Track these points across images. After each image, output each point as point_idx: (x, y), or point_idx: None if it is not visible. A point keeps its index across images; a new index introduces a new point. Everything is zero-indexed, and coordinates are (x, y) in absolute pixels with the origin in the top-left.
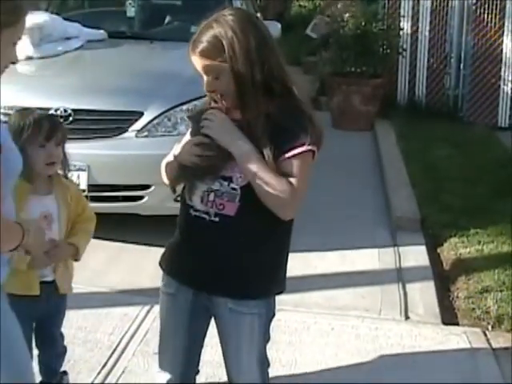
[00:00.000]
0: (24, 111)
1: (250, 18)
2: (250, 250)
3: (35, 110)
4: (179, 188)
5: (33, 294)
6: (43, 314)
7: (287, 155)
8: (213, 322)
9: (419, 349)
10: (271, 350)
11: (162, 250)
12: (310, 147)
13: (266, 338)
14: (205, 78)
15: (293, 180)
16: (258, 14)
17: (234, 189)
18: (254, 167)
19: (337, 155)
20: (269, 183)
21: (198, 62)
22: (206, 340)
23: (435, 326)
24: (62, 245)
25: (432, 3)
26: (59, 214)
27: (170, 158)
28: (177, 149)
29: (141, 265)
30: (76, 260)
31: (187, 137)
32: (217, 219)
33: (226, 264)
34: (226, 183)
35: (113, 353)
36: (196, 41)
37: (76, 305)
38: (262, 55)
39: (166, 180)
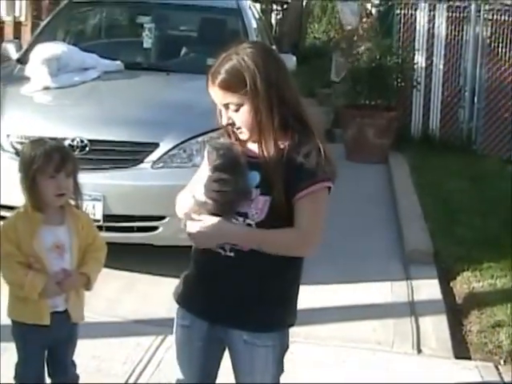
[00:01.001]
0: (36, 141)
1: (270, 51)
2: (264, 283)
3: (47, 140)
4: None
5: (43, 324)
6: (55, 343)
7: (302, 193)
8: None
9: (432, 382)
10: (282, 382)
11: (175, 281)
12: (325, 184)
13: (279, 370)
14: (223, 110)
15: (305, 220)
16: (274, 47)
17: (249, 225)
18: (254, 242)
19: (350, 188)
20: (277, 244)
21: (217, 94)
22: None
23: (447, 359)
24: (73, 274)
25: (446, 37)
26: (71, 244)
27: (185, 193)
28: (194, 184)
29: (154, 295)
30: (87, 289)
31: (203, 168)
32: (232, 254)
33: (240, 297)
34: (241, 219)
35: (126, 382)
36: (215, 72)
37: (89, 334)
38: (281, 89)
39: (179, 214)
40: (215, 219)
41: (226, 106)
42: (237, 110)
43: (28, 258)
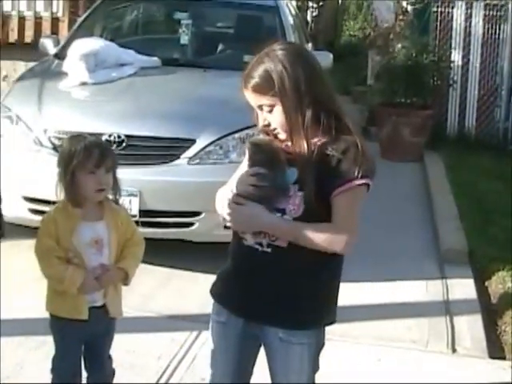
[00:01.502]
0: (75, 137)
1: (300, 51)
2: (301, 280)
3: (87, 136)
4: None
5: (81, 319)
6: (92, 337)
7: (339, 190)
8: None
9: (466, 382)
10: (317, 380)
11: (210, 277)
12: (362, 181)
13: (314, 368)
14: (258, 112)
15: (342, 217)
16: (310, 44)
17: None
18: (291, 234)
19: (385, 186)
20: (313, 239)
21: (251, 97)
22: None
23: (482, 359)
24: (112, 269)
25: (483, 35)
26: (110, 239)
27: (225, 189)
28: (233, 181)
29: (189, 290)
30: (125, 284)
31: (244, 165)
32: (269, 250)
33: (277, 294)
34: (279, 214)
35: (160, 378)
36: (248, 76)
37: (124, 328)
38: (311, 88)
39: (219, 210)
40: (258, 206)
41: (260, 107)
42: (270, 111)
43: (67, 252)
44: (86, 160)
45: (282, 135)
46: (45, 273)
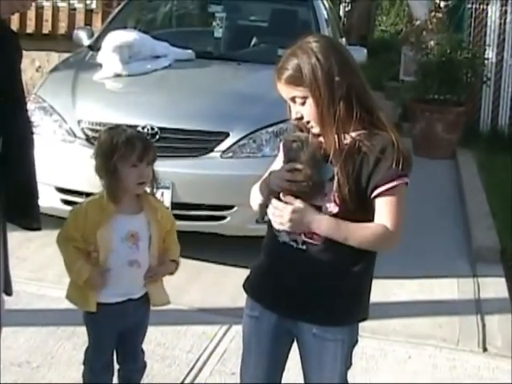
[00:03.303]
0: (114, 129)
1: (334, 44)
2: (336, 277)
3: (126, 128)
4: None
5: (90, 311)
6: (127, 330)
7: (382, 189)
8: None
9: (497, 382)
10: (348, 376)
11: (241, 270)
12: (403, 180)
13: (347, 364)
14: (291, 105)
15: (389, 218)
16: (343, 39)
17: None
18: (341, 235)
19: (418, 183)
20: (363, 239)
21: (283, 90)
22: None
23: None
24: (165, 262)
25: None
26: (151, 233)
27: (260, 183)
28: (268, 174)
29: (220, 284)
30: (171, 274)
31: (279, 161)
32: (304, 247)
33: (311, 291)
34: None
35: (190, 370)
36: (281, 68)
37: (155, 321)
38: (344, 80)
39: (253, 205)
40: (303, 204)
41: (293, 99)
42: (303, 104)
43: (89, 245)
44: (129, 153)
45: (316, 129)
46: (63, 260)
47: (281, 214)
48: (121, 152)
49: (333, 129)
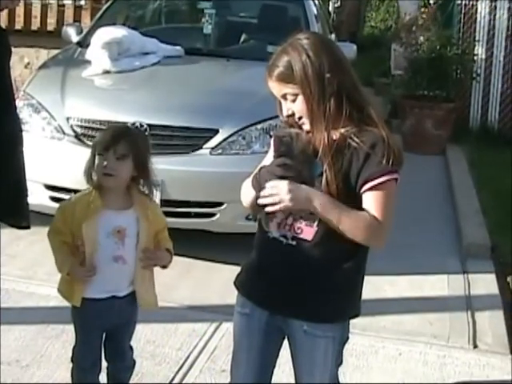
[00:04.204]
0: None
1: (325, 41)
2: (326, 274)
3: (125, 125)
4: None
5: (75, 305)
6: (113, 327)
7: (371, 184)
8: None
9: (487, 379)
10: (339, 373)
11: (231, 268)
12: (394, 175)
13: (338, 361)
14: (282, 102)
15: (378, 211)
16: (333, 35)
17: (312, 213)
18: (335, 215)
19: (407, 179)
20: (354, 224)
21: (274, 87)
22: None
23: (504, 355)
24: (161, 249)
25: (507, 29)
26: (138, 229)
27: (251, 179)
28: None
29: (210, 281)
30: (164, 267)
31: (269, 157)
32: (294, 243)
33: (302, 288)
34: None
35: (180, 368)
36: (272, 66)
37: (145, 318)
38: (335, 77)
39: (244, 201)
40: (300, 185)
41: (284, 97)
42: (294, 101)
43: (77, 240)
44: (97, 141)
45: (307, 125)
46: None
47: (279, 192)
48: (94, 142)
49: (322, 125)
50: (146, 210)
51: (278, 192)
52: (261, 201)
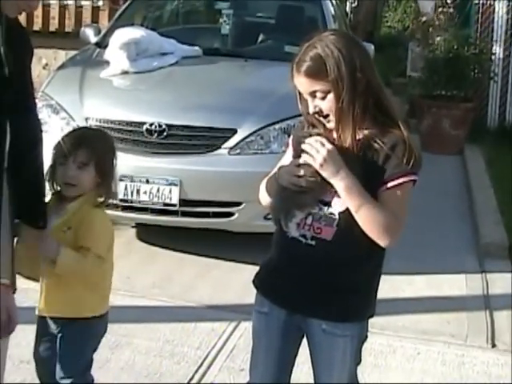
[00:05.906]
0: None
1: (353, 38)
2: (345, 273)
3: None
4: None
5: None
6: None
7: (389, 185)
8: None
9: (506, 379)
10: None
11: (249, 267)
12: (410, 178)
13: (356, 360)
14: (309, 99)
15: (395, 210)
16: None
17: (332, 213)
18: (357, 201)
19: (425, 179)
20: (372, 216)
21: (303, 83)
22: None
23: None
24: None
25: None
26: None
27: (270, 179)
28: (277, 170)
29: (229, 281)
30: (51, 266)
31: (287, 157)
32: (313, 243)
33: (321, 287)
34: (325, 208)
35: (199, 367)
36: (300, 61)
37: (164, 318)
38: (364, 75)
39: (262, 201)
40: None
41: (313, 94)
42: (323, 98)
43: None
44: (57, 149)
45: (332, 123)
46: None
47: (319, 150)
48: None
49: (350, 124)
50: (71, 220)
51: (319, 149)
52: (303, 146)
